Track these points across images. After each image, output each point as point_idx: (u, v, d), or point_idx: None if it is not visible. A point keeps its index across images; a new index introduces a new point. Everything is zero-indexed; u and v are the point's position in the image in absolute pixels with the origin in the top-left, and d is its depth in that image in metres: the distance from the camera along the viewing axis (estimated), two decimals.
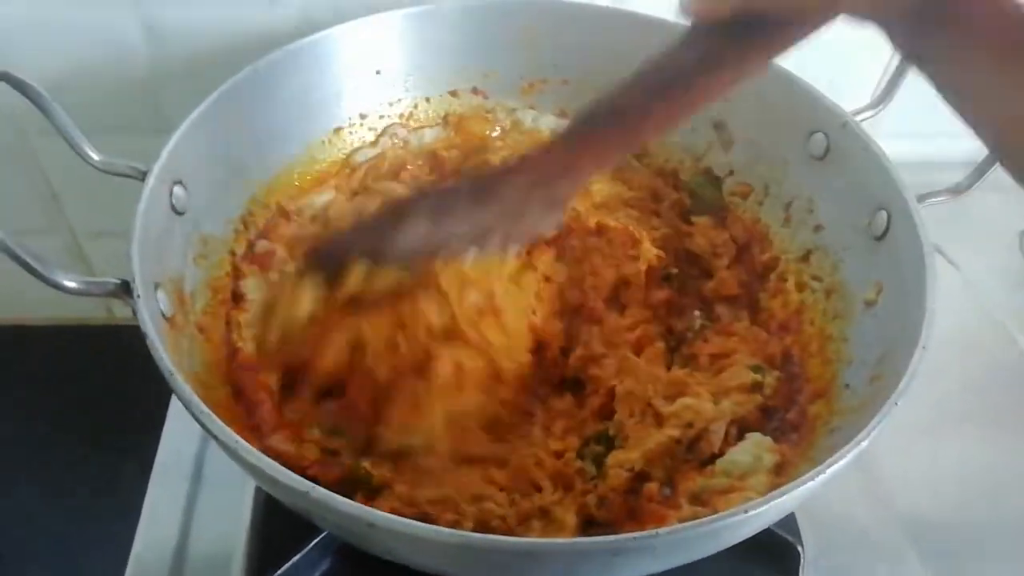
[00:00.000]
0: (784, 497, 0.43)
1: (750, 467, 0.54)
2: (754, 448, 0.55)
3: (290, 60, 0.70)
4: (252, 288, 0.65)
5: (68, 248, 1.00)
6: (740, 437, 0.57)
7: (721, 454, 0.56)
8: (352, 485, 0.53)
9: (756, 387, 0.60)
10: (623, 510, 0.54)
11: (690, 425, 0.57)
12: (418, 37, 0.77)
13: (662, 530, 0.41)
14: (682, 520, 0.50)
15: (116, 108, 0.86)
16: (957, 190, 0.61)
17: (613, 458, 0.56)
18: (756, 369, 0.61)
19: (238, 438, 0.43)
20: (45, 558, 0.89)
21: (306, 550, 0.59)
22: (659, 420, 0.58)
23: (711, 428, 0.56)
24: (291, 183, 0.73)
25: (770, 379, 0.61)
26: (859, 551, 0.67)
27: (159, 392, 0.74)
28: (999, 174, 0.63)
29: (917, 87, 0.69)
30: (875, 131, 0.65)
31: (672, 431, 0.56)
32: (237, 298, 0.65)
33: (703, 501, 0.53)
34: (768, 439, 0.56)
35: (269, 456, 0.43)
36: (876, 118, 0.70)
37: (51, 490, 0.94)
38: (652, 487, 0.54)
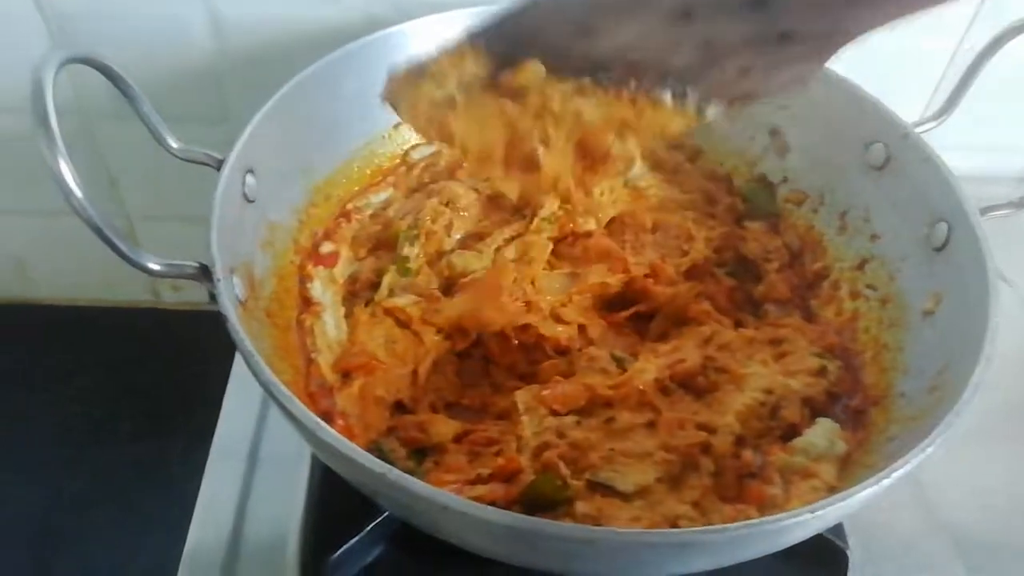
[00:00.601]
0: (848, 500, 0.44)
1: (824, 451, 0.55)
2: (827, 432, 0.57)
3: (356, 56, 0.71)
4: (320, 291, 0.67)
5: (123, 231, 1.02)
6: (812, 421, 0.59)
7: (799, 433, 0.57)
8: None
9: (822, 371, 0.61)
10: (735, 486, 0.55)
11: (770, 392, 0.59)
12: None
13: (731, 526, 0.42)
14: (776, 506, 0.52)
15: (180, 97, 0.88)
16: (1020, 204, 0.61)
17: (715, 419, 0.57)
18: (819, 355, 0.63)
19: (318, 420, 0.45)
20: (98, 541, 0.91)
21: (362, 534, 0.60)
22: (738, 382, 0.59)
23: (788, 398, 0.58)
24: (352, 176, 0.75)
25: (832, 367, 0.62)
26: (905, 560, 0.67)
27: (206, 375, 0.76)
28: None
29: (977, 100, 0.70)
30: (936, 144, 0.65)
31: (755, 394, 0.58)
32: (306, 302, 0.66)
33: (786, 480, 0.54)
34: (837, 426, 0.58)
35: None
36: (940, 132, 0.70)
37: (102, 473, 0.96)
38: (748, 455, 0.55)
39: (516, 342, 0.64)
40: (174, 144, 0.60)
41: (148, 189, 0.98)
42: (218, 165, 0.59)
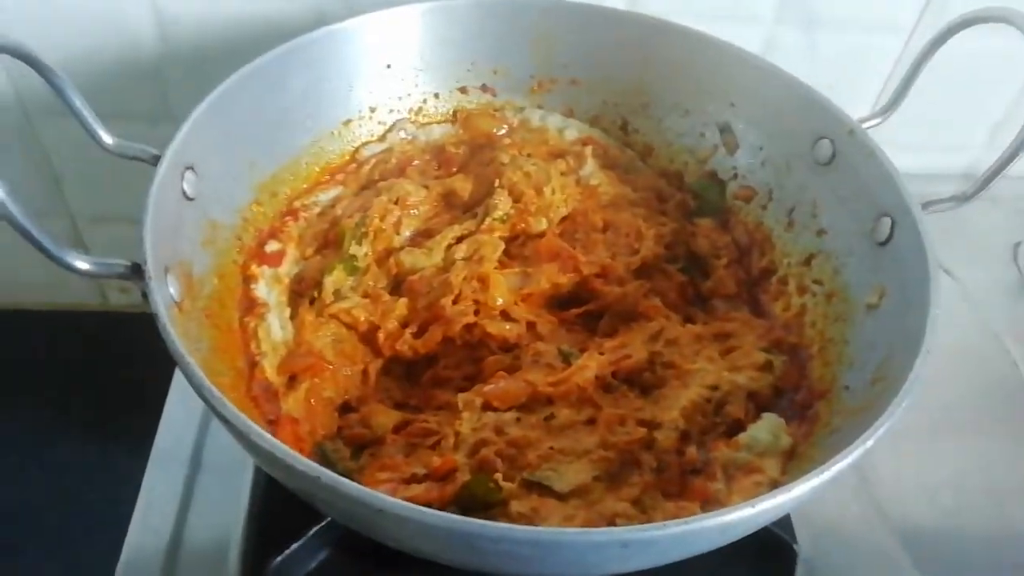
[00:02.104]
0: (791, 493, 0.44)
1: (769, 446, 0.56)
2: (771, 427, 0.57)
3: (302, 52, 0.70)
4: (265, 291, 0.65)
5: (67, 233, 1.00)
6: (757, 415, 0.59)
7: (743, 428, 0.57)
8: None
9: (767, 366, 0.62)
10: (678, 482, 0.54)
11: (715, 387, 0.59)
12: (430, 33, 0.77)
13: (670, 522, 0.41)
14: (719, 502, 0.51)
15: (123, 94, 0.86)
16: (961, 198, 0.62)
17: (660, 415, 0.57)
18: (766, 350, 0.63)
19: (250, 423, 0.44)
20: (43, 545, 0.89)
21: (304, 539, 0.59)
22: (684, 378, 0.59)
23: (734, 394, 0.59)
24: (299, 173, 0.73)
25: (778, 361, 0.63)
26: (853, 555, 0.68)
27: (155, 378, 0.74)
28: (996, 186, 0.64)
29: (917, 97, 0.71)
30: (880, 140, 0.66)
31: (701, 390, 0.58)
32: (251, 303, 0.64)
33: (729, 476, 0.54)
34: (782, 421, 0.58)
35: None
36: (878, 129, 0.71)
37: (48, 477, 0.93)
38: (692, 451, 0.55)
39: (460, 343, 0.63)
40: (108, 140, 0.58)
41: (93, 189, 0.95)
42: (155, 161, 0.57)
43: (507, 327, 0.64)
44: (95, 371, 1.02)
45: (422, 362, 0.65)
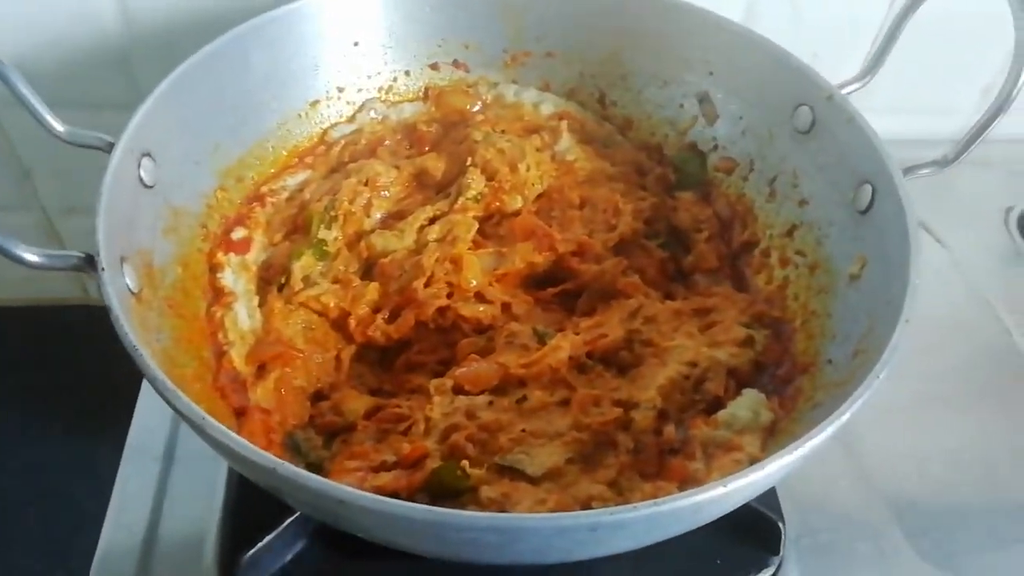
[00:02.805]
0: (763, 471, 0.43)
1: (749, 422, 0.54)
2: (752, 404, 0.56)
3: (263, 30, 0.68)
4: (231, 280, 0.64)
5: (40, 225, 0.98)
6: (738, 392, 0.57)
7: (723, 405, 0.56)
8: None
9: (748, 341, 0.60)
10: (656, 462, 0.53)
11: (694, 364, 0.58)
12: (398, 8, 0.75)
13: (640, 504, 0.40)
14: (697, 481, 0.50)
15: (91, 82, 0.84)
16: (943, 163, 0.60)
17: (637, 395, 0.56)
18: (747, 325, 0.61)
19: (205, 414, 0.42)
20: (28, 541, 0.88)
21: (279, 530, 0.58)
22: (662, 356, 0.58)
23: (713, 370, 0.57)
24: (266, 157, 0.71)
25: (760, 336, 0.61)
26: (842, 529, 0.66)
27: (135, 371, 0.73)
28: (985, 149, 0.62)
29: (906, 60, 0.69)
30: (861, 106, 0.64)
31: (679, 367, 0.57)
32: (217, 292, 0.63)
33: (709, 454, 0.52)
34: (763, 397, 0.57)
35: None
36: (864, 93, 0.69)
37: (32, 472, 0.93)
38: (670, 430, 0.54)
39: (433, 326, 0.62)
40: (59, 128, 0.56)
41: (64, 180, 0.93)
42: (110, 149, 0.55)
43: (481, 309, 0.63)
44: (77, 365, 1.01)
45: (396, 347, 0.64)
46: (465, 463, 0.50)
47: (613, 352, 0.59)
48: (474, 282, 0.64)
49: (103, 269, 0.48)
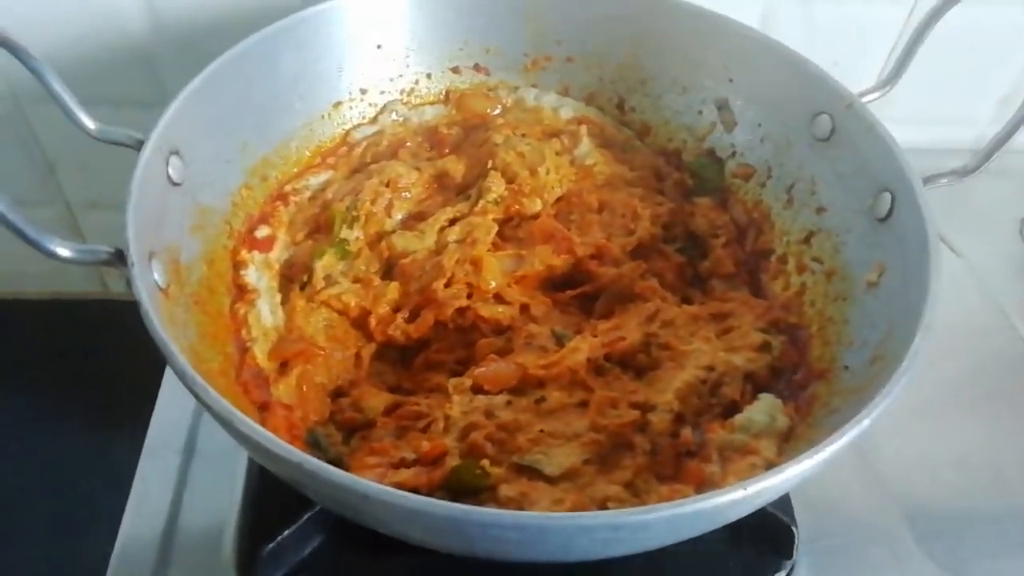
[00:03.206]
0: (782, 475, 0.43)
1: (765, 427, 0.55)
2: (768, 409, 0.56)
3: (291, 32, 0.69)
4: (255, 277, 0.65)
5: (62, 219, 0.99)
6: (754, 396, 0.58)
7: (739, 409, 0.56)
8: None
9: (765, 347, 0.61)
10: (672, 465, 0.54)
11: (711, 369, 0.58)
12: (421, 12, 0.76)
13: (661, 505, 0.41)
14: (713, 484, 0.51)
15: (117, 79, 0.85)
16: (963, 172, 0.61)
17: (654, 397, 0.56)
18: (764, 331, 0.62)
19: (233, 409, 0.43)
20: (45, 535, 0.89)
21: (298, 524, 0.58)
22: (680, 359, 0.58)
23: (730, 375, 0.58)
24: (289, 157, 0.72)
25: (776, 341, 0.62)
26: (854, 534, 0.67)
27: (154, 366, 0.74)
28: (1002, 160, 0.63)
29: (924, 70, 0.70)
30: (880, 115, 0.64)
31: (696, 371, 0.57)
32: (241, 289, 0.64)
33: (725, 458, 0.53)
34: (779, 402, 0.57)
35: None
36: (882, 102, 0.69)
37: (50, 467, 0.93)
38: (687, 433, 0.54)
39: (452, 326, 0.63)
40: (91, 125, 0.57)
41: (88, 175, 0.95)
42: (139, 146, 0.56)
43: (500, 310, 0.63)
44: (96, 360, 1.02)
45: (415, 346, 0.64)
46: (485, 462, 0.51)
47: (631, 355, 0.60)
48: (493, 283, 0.65)
49: (133, 264, 0.49)
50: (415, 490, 0.50)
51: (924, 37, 0.66)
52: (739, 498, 0.42)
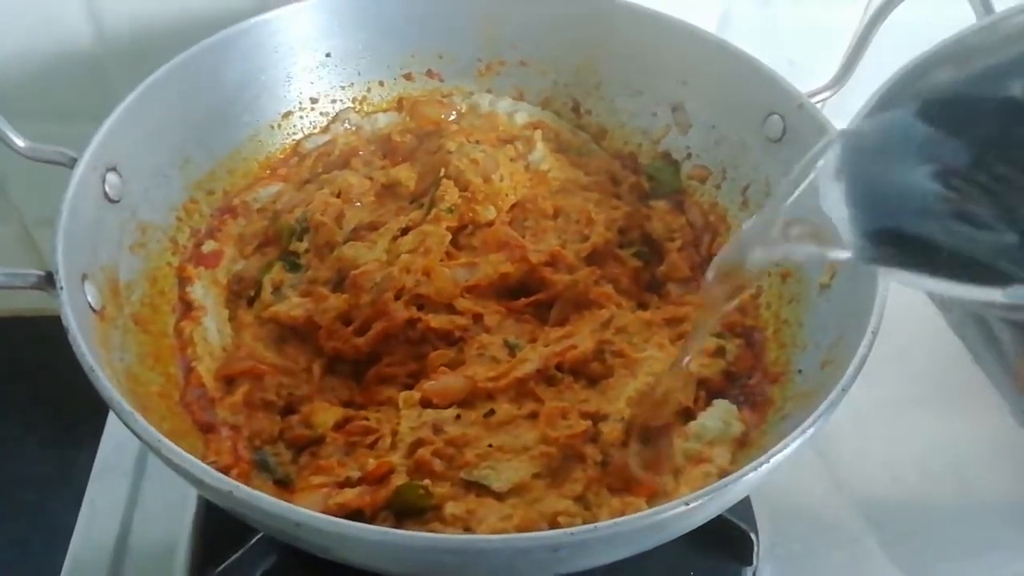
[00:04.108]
0: (726, 488, 0.42)
1: (719, 434, 0.54)
2: (723, 415, 0.56)
3: (233, 42, 0.68)
4: (201, 294, 0.63)
5: (18, 238, 0.97)
6: (708, 403, 0.57)
7: (693, 416, 0.56)
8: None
9: (719, 351, 0.60)
10: (623, 476, 0.53)
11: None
12: (370, 18, 0.75)
13: (601, 524, 0.40)
14: (666, 495, 0.50)
15: (61, 94, 0.83)
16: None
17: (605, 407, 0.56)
18: (719, 335, 0.61)
19: (160, 437, 0.42)
20: (4, 559, 0.87)
21: (248, 545, 0.57)
22: (632, 367, 0.58)
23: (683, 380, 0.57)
24: (237, 170, 0.71)
25: (731, 346, 0.61)
26: (816, 538, 0.66)
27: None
28: None
29: (879, 67, 0.69)
30: (834, 114, 0.64)
31: (648, 378, 0.56)
32: (187, 306, 0.62)
33: (678, 467, 0.52)
34: (734, 408, 0.56)
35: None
36: (836, 101, 0.69)
37: (8, 487, 0.92)
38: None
39: (402, 338, 0.61)
40: (20, 143, 0.56)
41: (39, 193, 0.92)
42: (72, 164, 0.55)
43: (451, 320, 0.62)
44: (57, 378, 0.99)
45: (368, 359, 0.63)
46: (428, 483, 0.50)
47: (583, 363, 0.59)
48: (444, 293, 0.64)
49: (61, 288, 0.48)
50: (359, 510, 0.49)
51: (872, 35, 0.65)
52: (682, 512, 0.41)
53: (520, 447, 0.52)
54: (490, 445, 0.52)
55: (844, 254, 0.36)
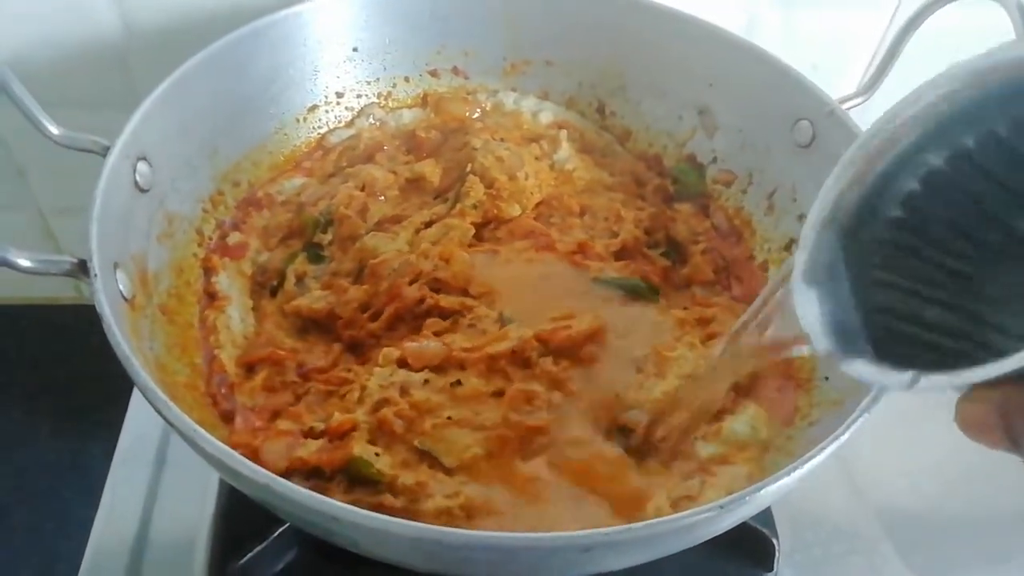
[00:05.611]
0: (759, 493, 0.42)
1: (748, 438, 0.54)
2: (751, 420, 0.55)
3: (262, 35, 0.68)
4: (226, 284, 0.63)
5: (35, 225, 0.97)
6: (736, 405, 0.57)
7: (722, 419, 0.56)
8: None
9: None
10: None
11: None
12: (398, 14, 0.75)
13: (635, 525, 0.40)
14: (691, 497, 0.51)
15: (88, 83, 0.83)
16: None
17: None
18: None
19: (196, 426, 0.42)
20: (16, 546, 0.87)
21: (271, 539, 0.57)
22: (662, 366, 0.57)
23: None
24: (263, 162, 0.71)
25: None
26: (835, 544, 0.66)
27: (127, 374, 0.73)
28: None
29: (907, 75, 0.69)
30: (862, 121, 0.64)
31: (676, 381, 0.56)
32: (211, 296, 0.62)
33: (705, 469, 0.52)
34: (764, 413, 0.56)
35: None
36: (864, 109, 0.68)
37: (20, 475, 0.92)
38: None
39: (408, 316, 0.61)
40: (55, 130, 0.56)
41: (59, 181, 0.92)
42: (105, 152, 0.55)
43: (461, 302, 0.61)
44: (68, 367, 1.00)
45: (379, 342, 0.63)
46: (385, 462, 0.51)
47: (576, 346, 0.58)
48: (461, 277, 0.63)
49: (95, 275, 0.48)
50: (317, 468, 0.51)
51: (904, 42, 0.65)
52: (715, 516, 0.41)
53: (478, 424, 0.52)
54: (449, 417, 0.52)
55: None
